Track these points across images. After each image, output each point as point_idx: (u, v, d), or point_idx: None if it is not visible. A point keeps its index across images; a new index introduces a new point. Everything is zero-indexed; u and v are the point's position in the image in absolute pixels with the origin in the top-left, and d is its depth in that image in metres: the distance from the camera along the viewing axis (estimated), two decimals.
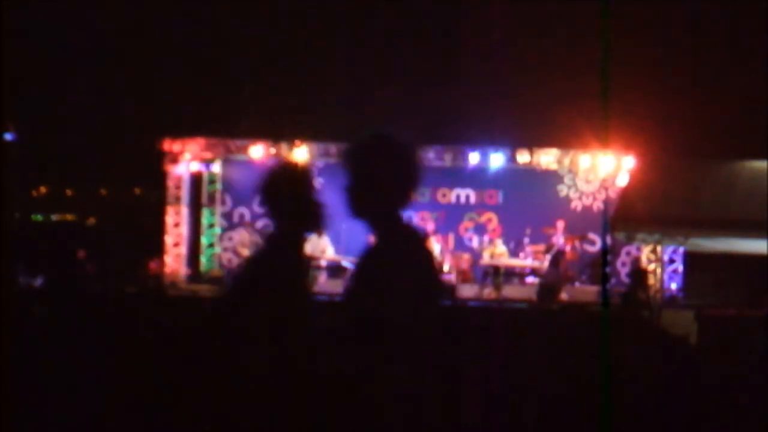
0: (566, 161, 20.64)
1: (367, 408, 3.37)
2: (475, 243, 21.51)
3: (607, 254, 19.87)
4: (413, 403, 3.41)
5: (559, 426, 5.46)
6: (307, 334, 3.89)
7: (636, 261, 20.68)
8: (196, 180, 21.85)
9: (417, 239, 3.64)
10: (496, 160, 20.53)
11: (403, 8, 23.98)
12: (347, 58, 23.92)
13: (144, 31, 23.99)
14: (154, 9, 23.70)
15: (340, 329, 3.52)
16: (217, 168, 21.87)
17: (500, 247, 20.19)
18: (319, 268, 20.04)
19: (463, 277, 20.72)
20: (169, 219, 21.00)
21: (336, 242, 20.30)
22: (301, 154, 20.62)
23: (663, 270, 19.66)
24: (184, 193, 21.25)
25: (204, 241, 21.89)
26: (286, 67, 24.07)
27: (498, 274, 19.79)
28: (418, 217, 21.88)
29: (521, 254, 20.36)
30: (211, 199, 22.01)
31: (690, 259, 19.93)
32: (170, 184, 21.06)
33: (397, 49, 23.97)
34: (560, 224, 20.01)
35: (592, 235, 21.00)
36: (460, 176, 21.44)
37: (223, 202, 22.05)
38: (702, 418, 5.62)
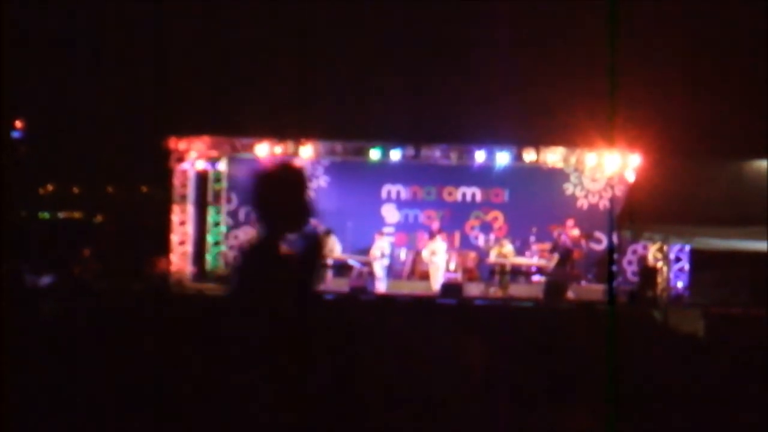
0: (572, 160, 20.61)
1: None
2: (481, 241, 21.49)
3: (613, 252, 19.84)
4: None
5: (565, 424, 5.46)
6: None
7: (643, 259, 20.65)
8: (201, 178, 21.86)
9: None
10: (502, 158, 20.51)
11: (408, 7, 23.96)
12: (353, 57, 23.91)
13: (151, 31, 24.01)
14: (161, 9, 23.72)
15: None
16: (222, 166, 21.89)
17: (507, 246, 20.19)
18: (325, 266, 20.07)
19: (469, 275, 20.72)
20: (175, 217, 21.01)
21: (342, 241, 20.33)
22: (306, 152, 20.63)
23: (669, 268, 19.63)
24: (190, 191, 21.26)
25: (210, 239, 21.91)
26: (291, 66, 24.06)
27: (504, 273, 19.81)
28: (424, 216, 21.90)
29: (527, 252, 20.36)
30: (217, 198, 22.03)
31: (696, 257, 19.89)
32: (176, 182, 21.07)
33: (403, 48, 23.94)
34: (569, 222, 20.04)
35: (598, 234, 20.99)
36: (466, 174, 21.42)
37: (229, 201, 22.07)
38: (709, 416, 5.62)
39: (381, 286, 19.49)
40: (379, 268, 19.73)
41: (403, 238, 21.72)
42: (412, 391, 5.42)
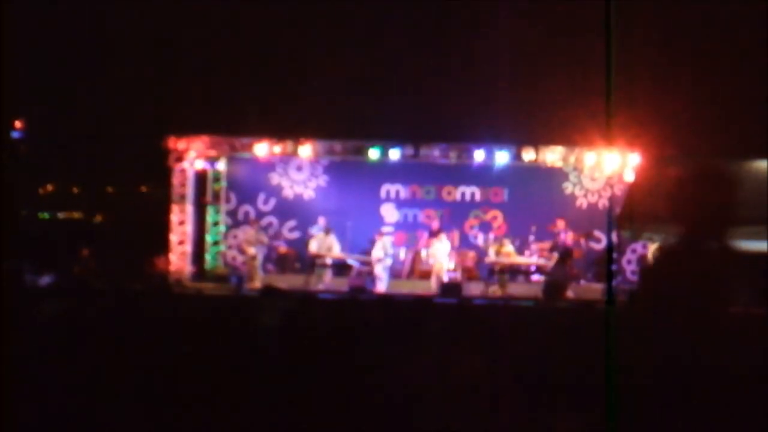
0: (572, 159, 20.62)
1: None
2: (480, 240, 21.51)
3: (612, 252, 19.84)
4: None
5: (564, 424, 5.47)
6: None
7: (642, 259, 20.67)
8: (201, 178, 21.88)
9: None
10: (502, 157, 20.52)
11: (407, 6, 23.94)
12: (352, 56, 23.89)
13: (149, 30, 24.00)
14: (160, 8, 23.70)
15: None
16: (221, 166, 21.90)
17: (507, 246, 20.21)
18: (324, 266, 20.08)
19: (469, 274, 20.74)
20: (175, 217, 21.02)
21: (342, 240, 20.34)
22: (305, 151, 20.64)
23: None
24: (189, 190, 21.27)
25: (209, 239, 21.92)
26: (290, 65, 24.06)
27: (504, 272, 19.82)
28: (423, 215, 21.90)
29: (527, 252, 20.38)
30: (216, 197, 22.04)
31: None
32: (175, 182, 21.08)
33: (402, 47, 23.93)
34: (560, 223, 20.10)
35: (597, 233, 21.00)
36: (465, 174, 21.43)
37: (228, 200, 22.08)
38: (709, 416, 5.62)
39: (382, 285, 19.51)
40: (381, 268, 19.73)
41: (402, 238, 21.72)
42: (409, 391, 5.43)
